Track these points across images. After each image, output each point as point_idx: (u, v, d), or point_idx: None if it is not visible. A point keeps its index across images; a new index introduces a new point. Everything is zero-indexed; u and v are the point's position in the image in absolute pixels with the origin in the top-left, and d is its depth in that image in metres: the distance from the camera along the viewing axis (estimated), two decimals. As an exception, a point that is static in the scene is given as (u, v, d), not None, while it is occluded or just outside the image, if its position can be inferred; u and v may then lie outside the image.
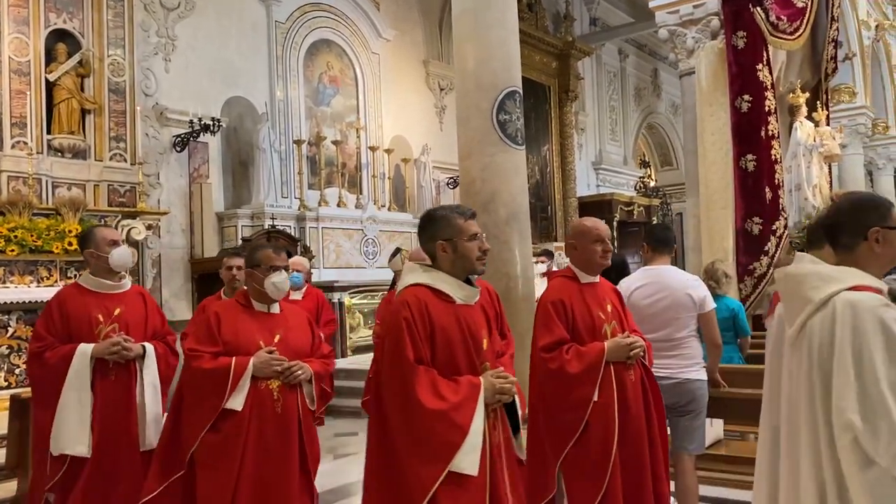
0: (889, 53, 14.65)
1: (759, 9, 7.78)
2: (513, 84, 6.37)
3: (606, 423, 2.97)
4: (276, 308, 3.25)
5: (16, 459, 4.30)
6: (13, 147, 6.65)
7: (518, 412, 2.55)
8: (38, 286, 6.38)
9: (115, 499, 3.40)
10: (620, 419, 2.99)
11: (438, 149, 11.57)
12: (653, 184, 18.67)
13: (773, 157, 7.86)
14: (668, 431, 4.05)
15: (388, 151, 10.87)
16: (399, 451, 2.32)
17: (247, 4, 9.54)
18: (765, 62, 7.85)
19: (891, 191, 15.94)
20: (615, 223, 14.20)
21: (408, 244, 10.10)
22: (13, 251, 6.21)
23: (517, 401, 2.54)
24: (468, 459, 2.27)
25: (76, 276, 6.62)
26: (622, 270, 4.40)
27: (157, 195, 8.35)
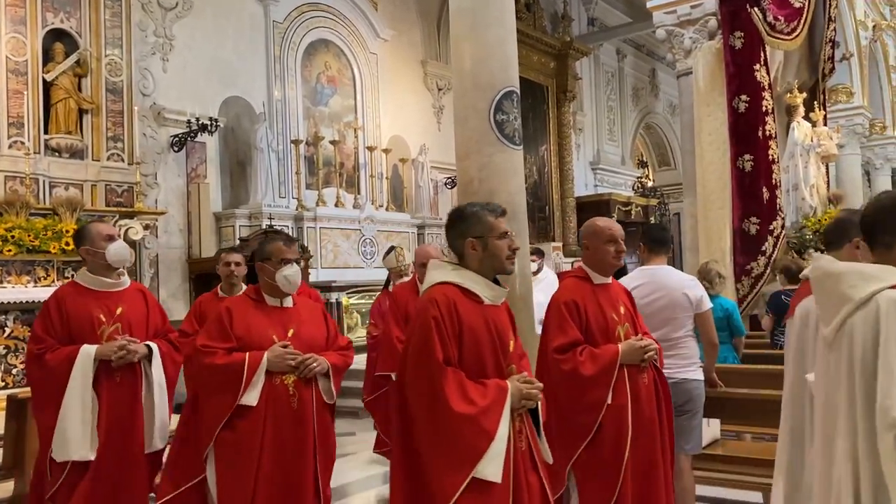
0: (886, 54, 14.67)
1: (757, 9, 7.80)
2: (510, 84, 6.36)
3: (620, 426, 2.94)
4: (289, 301, 3.18)
5: (12, 460, 4.29)
6: (10, 147, 6.64)
7: (540, 417, 2.50)
8: (36, 286, 6.37)
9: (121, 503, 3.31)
10: (633, 422, 2.96)
11: (436, 149, 11.56)
12: (650, 184, 18.68)
13: (771, 158, 7.88)
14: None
15: (386, 151, 10.87)
16: (423, 454, 2.26)
17: (244, 4, 9.54)
18: (762, 62, 7.87)
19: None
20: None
21: (406, 244, 10.10)
22: (10, 251, 6.20)
23: (540, 406, 2.48)
24: (493, 466, 2.21)
25: (73, 276, 6.62)
26: (620, 270, 4.40)
27: (155, 195, 8.34)
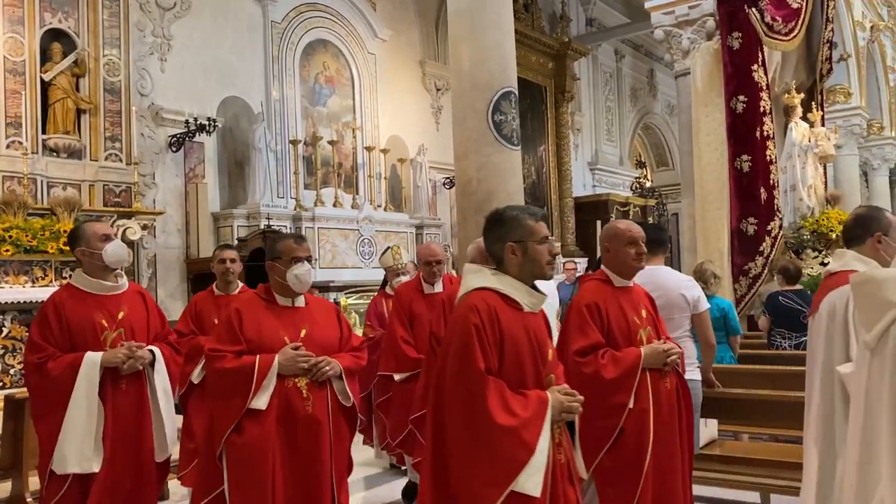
0: (884, 54, 14.69)
1: (755, 9, 7.81)
2: (508, 84, 6.38)
3: (641, 431, 2.88)
4: (301, 301, 3.06)
5: (10, 460, 4.29)
6: (8, 147, 6.63)
7: (576, 430, 2.42)
8: (34, 286, 6.37)
9: None
10: (654, 427, 2.90)
11: (434, 149, 11.57)
12: (648, 184, 18.69)
13: (769, 158, 7.89)
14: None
15: (385, 151, 10.87)
16: (457, 465, 2.18)
17: (243, 4, 9.54)
18: (760, 63, 7.88)
19: (886, 192, 16.00)
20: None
21: (404, 244, 10.10)
22: (8, 251, 6.19)
23: (576, 418, 2.40)
24: (532, 480, 2.14)
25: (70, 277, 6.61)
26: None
27: (153, 195, 8.34)
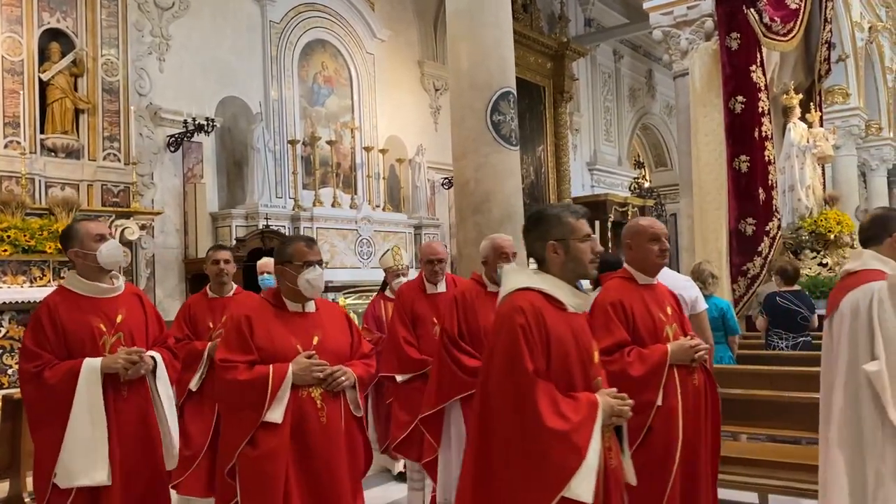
0: (882, 55, 14.72)
1: (753, 10, 7.82)
2: (507, 85, 6.38)
3: (670, 429, 2.81)
4: (312, 306, 2.94)
5: (8, 460, 4.29)
6: (6, 147, 6.62)
7: (625, 434, 2.37)
8: (31, 286, 6.36)
9: None
10: (683, 424, 2.85)
11: (433, 149, 11.56)
12: (647, 184, 18.70)
13: (767, 159, 7.90)
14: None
15: (383, 152, 10.86)
16: (504, 470, 2.12)
17: (241, 4, 9.53)
18: (758, 63, 7.89)
19: (884, 192, 16.01)
20: (609, 224, 14.21)
21: (402, 244, 10.10)
22: (6, 251, 6.18)
23: (624, 424, 2.34)
24: (584, 485, 2.08)
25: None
26: (615, 266, 4.39)
27: (151, 195, 8.33)
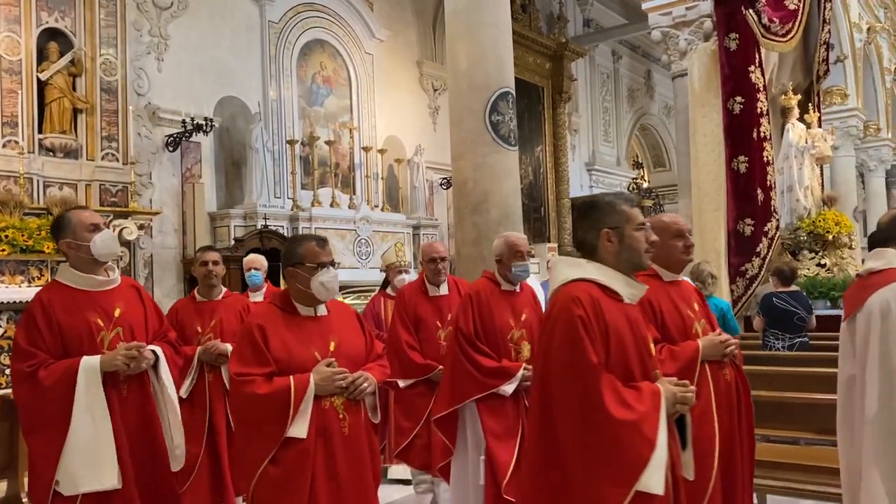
0: (880, 56, 14.73)
1: (752, 11, 7.82)
2: (506, 85, 6.38)
3: (706, 426, 2.73)
4: (323, 310, 2.79)
5: (5, 460, 4.27)
6: (4, 146, 6.62)
7: (689, 426, 2.28)
8: (30, 286, 6.35)
9: None
10: (718, 420, 2.77)
11: (432, 149, 11.57)
12: (646, 185, 18.72)
13: (765, 159, 7.90)
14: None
15: (382, 152, 10.86)
16: (574, 466, 2.05)
17: (240, 4, 9.53)
18: (757, 64, 7.89)
19: (882, 193, 16.02)
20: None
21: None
22: (4, 251, 6.18)
23: (688, 413, 2.26)
24: (655, 477, 2.01)
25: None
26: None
27: (149, 195, 8.32)
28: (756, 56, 7.89)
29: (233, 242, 8.50)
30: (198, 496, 4.00)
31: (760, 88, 7.88)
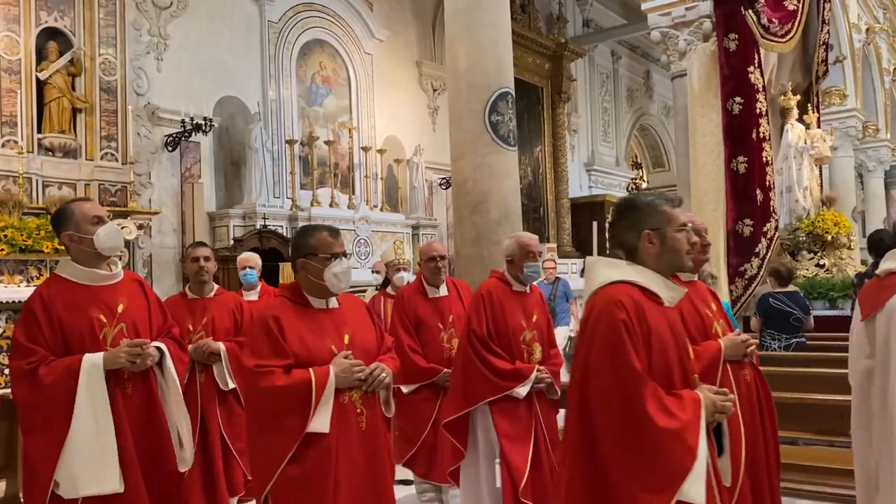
0: (879, 56, 14.74)
1: (751, 11, 7.82)
2: (505, 85, 6.39)
3: (732, 428, 2.55)
4: (335, 302, 2.73)
5: (4, 460, 4.28)
6: (3, 146, 6.61)
7: (726, 433, 2.26)
8: (28, 286, 6.34)
9: None
10: (743, 421, 2.75)
11: (431, 149, 11.57)
12: (645, 185, 18.73)
13: (764, 159, 7.90)
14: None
15: (381, 152, 10.86)
16: (614, 474, 2.02)
17: (239, 4, 9.52)
18: (756, 64, 7.89)
19: (881, 194, 16.04)
20: (607, 224, 14.22)
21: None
22: (3, 251, 6.17)
23: (724, 421, 2.24)
24: (696, 487, 1.97)
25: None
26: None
27: (149, 195, 8.32)
28: (755, 56, 7.89)
29: (232, 242, 8.50)
30: (190, 497, 3.98)
31: (760, 89, 7.88)
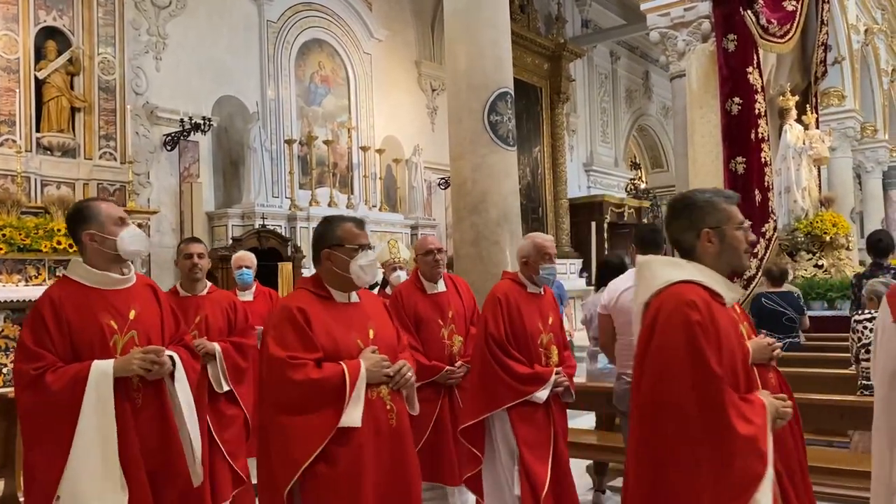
0: (878, 57, 14.76)
1: (750, 12, 7.82)
2: (504, 85, 6.38)
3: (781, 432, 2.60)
4: (356, 296, 2.66)
5: (2, 459, 4.27)
6: (2, 145, 6.61)
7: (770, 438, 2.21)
8: (27, 285, 6.35)
9: None
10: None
11: (430, 149, 11.58)
12: (643, 186, 18.73)
13: (763, 160, 7.90)
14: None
15: (380, 151, 10.87)
16: (686, 481, 1.93)
17: (238, 3, 9.52)
18: (755, 65, 7.89)
19: (879, 194, 16.06)
20: (605, 225, 14.23)
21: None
22: (1, 250, 6.17)
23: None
24: (767, 496, 1.91)
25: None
26: (622, 271, 4.40)
27: (147, 194, 8.32)
28: (754, 57, 7.89)
29: (230, 242, 8.49)
30: None
31: (758, 89, 7.88)
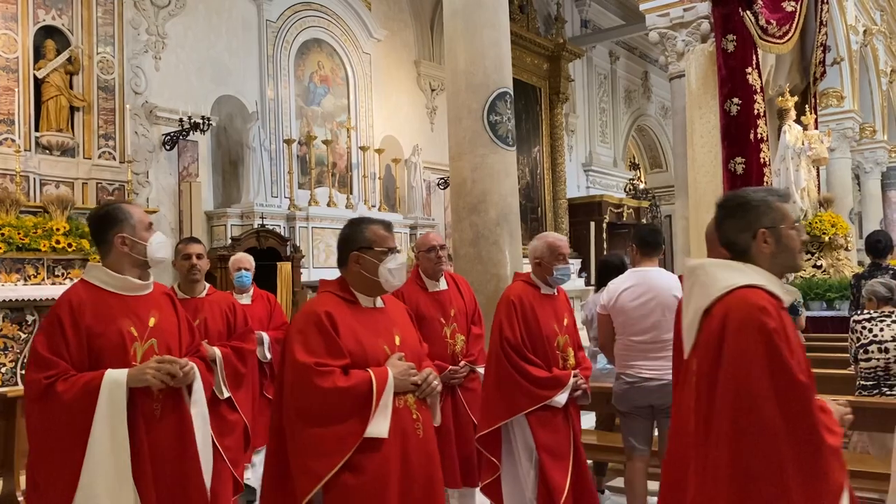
0: (876, 58, 14.78)
1: (749, 12, 7.83)
2: (504, 85, 6.38)
3: None
4: (381, 301, 2.60)
5: (2, 459, 4.27)
6: (0, 144, 6.60)
7: None
8: (25, 284, 6.34)
9: None
10: None
11: (429, 149, 11.57)
12: (642, 186, 18.73)
13: (762, 161, 7.91)
14: (656, 433, 4.07)
15: (379, 151, 10.86)
16: (767, 498, 1.83)
17: (237, 3, 9.51)
18: (754, 65, 7.90)
19: (878, 195, 16.08)
20: (605, 225, 14.24)
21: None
22: (0, 249, 6.17)
23: None
24: None
25: (70, 273, 6.57)
26: (621, 271, 4.41)
27: (146, 194, 8.30)
28: (753, 57, 7.90)
29: (229, 241, 8.49)
30: None
31: (757, 90, 7.89)
